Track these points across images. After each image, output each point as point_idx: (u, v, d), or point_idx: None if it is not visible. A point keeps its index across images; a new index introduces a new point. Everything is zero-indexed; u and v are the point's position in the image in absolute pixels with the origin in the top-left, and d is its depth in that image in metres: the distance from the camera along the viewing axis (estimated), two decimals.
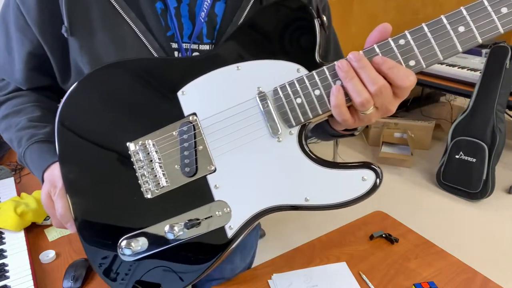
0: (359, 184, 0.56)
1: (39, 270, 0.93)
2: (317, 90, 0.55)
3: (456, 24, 0.51)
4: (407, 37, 0.52)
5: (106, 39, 0.63)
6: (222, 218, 0.59)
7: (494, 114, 2.48)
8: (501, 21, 0.49)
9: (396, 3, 3.52)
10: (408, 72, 0.51)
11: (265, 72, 0.58)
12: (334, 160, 2.91)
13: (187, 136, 0.59)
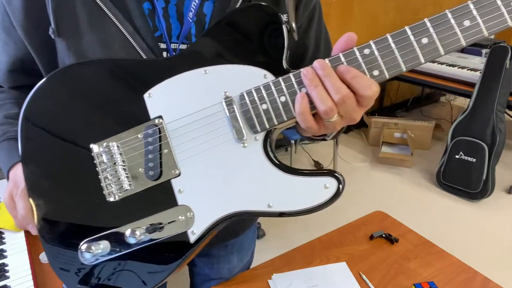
0: (321, 191, 0.56)
1: (39, 270, 0.92)
2: (283, 97, 0.55)
3: (420, 35, 0.51)
4: (371, 47, 0.52)
5: (93, 40, 0.63)
6: (185, 222, 0.59)
7: (494, 114, 2.48)
8: (464, 34, 0.50)
9: (396, 3, 3.52)
10: (370, 82, 0.51)
11: (232, 77, 0.58)
12: (333, 160, 2.91)
13: (152, 139, 0.59)
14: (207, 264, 0.97)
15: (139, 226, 0.58)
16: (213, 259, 0.95)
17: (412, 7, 3.68)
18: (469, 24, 0.49)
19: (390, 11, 3.53)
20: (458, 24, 0.49)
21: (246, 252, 0.99)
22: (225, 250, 0.94)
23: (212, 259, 0.96)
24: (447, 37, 0.50)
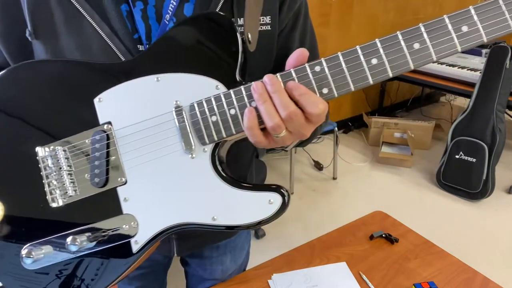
0: (265, 206, 0.56)
1: None
2: (233, 110, 0.55)
3: (370, 56, 0.50)
4: (322, 64, 0.52)
5: (70, 42, 0.62)
6: (128, 232, 0.58)
7: (494, 114, 2.48)
8: (413, 56, 0.49)
9: (396, 3, 3.52)
10: (318, 99, 0.51)
11: (184, 86, 0.56)
12: (333, 160, 2.91)
13: (99, 146, 0.58)
14: (200, 265, 0.97)
15: (81, 233, 0.57)
16: (206, 260, 0.95)
17: (412, 7, 3.68)
18: (418, 47, 0.49)
19: (390, 11, 3.53)
20: (408, 47, 0.49)
21: (240, 253, 0.99)
22: (217, 251, 0.94)
23: (205, 260, 0.95)
24: (396, 59, 0.50)
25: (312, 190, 2.82)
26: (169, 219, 0.58)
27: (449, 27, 0.49)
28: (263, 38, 0.65)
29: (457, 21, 0.48)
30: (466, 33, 0.48)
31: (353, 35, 3.36)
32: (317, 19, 3.07)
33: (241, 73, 0.57)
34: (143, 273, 0.96)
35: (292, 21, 0.70)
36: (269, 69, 0.70)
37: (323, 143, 3.45)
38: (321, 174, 3.01)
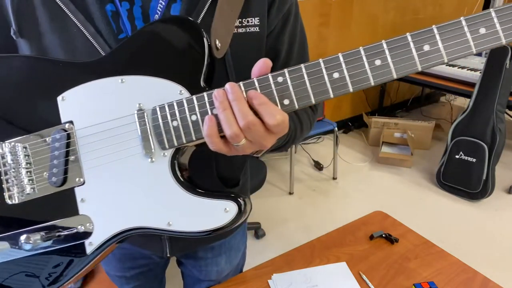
0: (221, 215, 0.55)
1: None
2: (194, 116, 0.54)
3: (332, 70, 0.50)
4: (285, 75, 0.51)
5: (55, 41, 0.62)
6: (83, 233, 0.58)
7: (494, 114, 2.48)
8: (373, 73, 0.49)
9: (396, 3, 3.52)
10: (276, 110, 0.50)
11: (148, 89, 0.56)
12: (333, 160, 2.91)
13: (58, 144, 0.57)
14: (195, 266, 0.97)
15: (36, 232, 0.57)
16: (201, 261, 0.95)
17: (412, 7, 3.68)
18: (379, 63, 0.49)
19: (390, 11, 3.53)
20: (369, 63, 0.49)
21: (235, 254, 0.99)
22: (212, 252, 0.94)
23: (199, 261, 0.95)
24: (357, 74, 0.49)
25: (312, 190, 2.82)
26: (125, 222, 0.58)
27: (411, 45, 0.48)
28: (251, 39, 0.65)
29: (419, 40, 0.48)
30: (427, 52, 0.48)
31: (353, 35, 3.36)
32: (317, 19, 3.07)
33: (206, 80, 0.57)
34: (141, 272, 0.96)
35: (281, 23, 0.69)
36: None
37: (323, 143, 3.45)
38: (321, 174, 3.01)
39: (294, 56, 0.73)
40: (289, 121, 0.64)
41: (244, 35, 0.64)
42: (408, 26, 3.71)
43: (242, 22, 0.64)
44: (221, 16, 0.60)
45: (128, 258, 0.93)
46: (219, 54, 0.58)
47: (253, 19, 0.64)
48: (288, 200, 2.71)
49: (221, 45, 0.59)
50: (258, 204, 2.63)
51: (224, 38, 0.60)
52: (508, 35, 0.46)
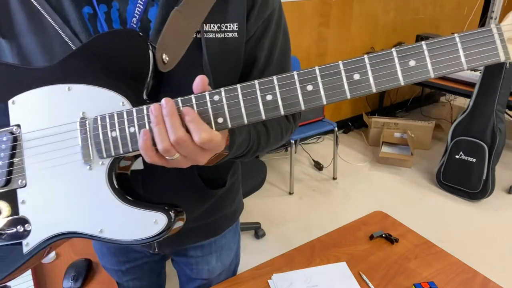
0: (150, 226, 0.57)
1: (39, 270, 0.93)
2: (132, 128, 0.55)
3: (266, 92, 0.51)
4: (221, 94, 0.52)
5: (33, 43, 0.63)
6: (22, 233, 0.60)
7: (494, 114, 2.48)
8: (304, 98, 0.50)
9: (396, 3, 3.52)
10: (202, 128, 0.51)
11: (93, 98, 0.58)
12: (333, 160, 2.91)
13: (4, 146, 0.59)
14: (186, 264, 0.98)
15: None
16: (192, 260, 0.95)
17: (412, 7, 3.68)
18: (311, 89, 0.49)
19: (390, 11, 3.53)
20: (301, 88, 0.50)
21: (227, 254, 0.98)
22: (202, 251, 0.94)
23: (190, 260, 0.96)
24: (289, 98, 0.50)
25: (312, 190, 2.82)
26: (61, 226, 0.59)
27: (342, 73, 0.48)
28: (229, 45, 0.65)
29: (350, 69, 0.48)
30: (357, 81, 0.48)
31: (353, 35, 3.36)
32: (317, 19, 3.07)
33: (152, 93, 0.58)
34: (136, 266, 0.98)
35: (261, 29, 0.68)
36: (236, 77, 0.69)
37: (323, 143, 3.45)
38: (321, 174, 3.01)
39: (274, 63, 0.72)
40: (248, 132, 0.65)
41: (222, 41, 0.64)
42: (408, 26, 3.71)
43: (221, 27, 0.64)
44: (173, 29, 0.60)
45: (122, 252, 0.95)
46: (166, 68, 0.59)
47: (231, 24, 0.64)
48: (288, 200, 2.70)
49: (169, 59, 0.59)
50: (258, 204, 2.63)
51: (175, 52, 0.60)
52: (436, 69, 0.47)
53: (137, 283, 1.02)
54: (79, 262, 0.92)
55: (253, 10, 0.66)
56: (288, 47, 0.76)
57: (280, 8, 0.71)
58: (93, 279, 0.91)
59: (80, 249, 1.00)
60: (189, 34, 0.61)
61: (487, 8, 4.38)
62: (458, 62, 0.46)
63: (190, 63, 0.62)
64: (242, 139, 0.64)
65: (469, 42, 0.46)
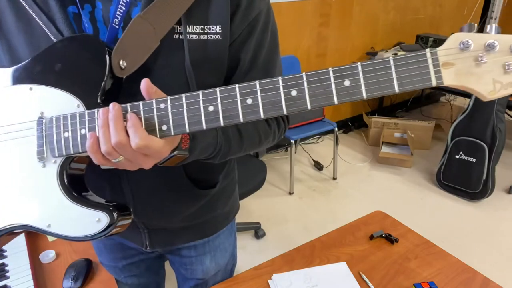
0: (93, 224, 0.59)
1: (39, 270, 0.93)
2: (83, 130, 0.57)
3: (208, 103, 0.52)
4: (167, 102, 0.54)
5: (22, 41, 0.65)
6: None
7: (494, 114, 2.48)
8: (243, 111, 0.51)
9: (396, 3, 3.52)
10: (139, 135, 0.52)
11: (51, 99, 0.61)
12: (333, 161, 2.91)
13: None
14: (181, 264, 0.98)
15: None
16: (186, 260, 0.96)
17: (412, 7, 3.68)
18: (250, 102, 0.51)
19: (390, 11, 3.53)
20: (241, 101, 0.51)
21: (221, 254, 0.98)
22: (195, 251, 0.94)
23: (184, 260, 0.96)
24: (229, 110, 0.51)
25: (312, 190, 2.82)
26: (11, 218, 0.62)
27: (281, 89, 0.49)
28: (213, 47, 0.64)
29: (289, 85, 0.49)
30: (294, 98, 0.49)
31: (353, 35, 3.36)
32: (317, 19, 3.07)
33: (105, 97, 0.59)
34: (133, 263, 0.98)
35: (246, 31, 0.67)
36: (221, 79, 0.69)
37: (323, 143, 3.46)
38: (321, 174, 3.01)
39: (259, 66, 0.71)
40: (215, 137, 0.65)
41: (205, 42, 0.64)
42: (408, 26, 3.71)
43: (204, 29, 0.63)
44: (134, 35, 0.61)
45: (118, 249, 0.95)
46: (123, 73, 0.60)
47: (215, 26, 0.64)
48: (288, 200, 2.71)
49: (127, 64, 0.60)
50: (258, 204, 2.63)
51: (135, 58, 0.61)
52: (369, 91, 0.47)
53: (135, 280, 1.03)
54: (79, 262, 0.92)
55: (237, 12, 0.65)
56: (276, 51, 0.75)
57: (268, 11, 0.70)
58: (93, 279, 0.91)
59: (80, 249, 1.00)
60: (154, 40, 0.62)
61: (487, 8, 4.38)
62: (390, 85, 0.47)
63: (172, 64, 0.63)
64: (208, 143, 0.65)
65: (403, 65, 0.46)
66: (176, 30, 0.62)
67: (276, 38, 0.74)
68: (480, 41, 0.44)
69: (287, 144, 3.29)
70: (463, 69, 0.45)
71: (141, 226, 0.84)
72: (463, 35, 0.45)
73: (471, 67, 0.45)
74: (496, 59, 0.44)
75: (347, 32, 3.31)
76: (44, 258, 0.95)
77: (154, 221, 0.83)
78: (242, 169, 2.23)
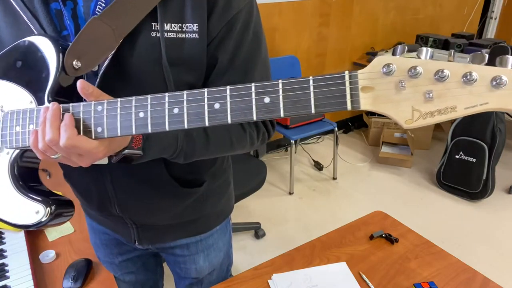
0: (32, 214, 0.64)
1: (39, 270, 0.93)
2: (32, 125, 0.61)
3: (139, 109, 0.53)
4: (104, 105, 0.55)
5: (9, 35, 0.68)
6: None
7: (494, 114, 2.48)
8: (170, 120, 0.52)
9: (396, 3, 3.52)
10: (67, 134, 0.54)
11: (10, 94, 0.64)
12: (333, 161, 2.91)
13: None
14: (175, 263, 0.98)
15: None
16: (179, 259, 0.96)
17: (412, 7, 3.68)
18: (177, 112, 0.51)
19: (390, 11, 3.53)
20: (169, 110, 0.52)
21: (215, 254, 0.98)
22: (188, 250, 0.94)
23: (178, 258, 0.96)
24: (156, 118, 0.52)
25: (312, 190, 2.82)
26: None
27: (205, 101, 0.50)
28: (190, 45, 0.64)
29: (213, 97, 0.50)
30: (216, 110, 0.49)
31: (353, 35, 3.36)
32: (317, 19, 3.07)
33: (55, 95, 0.61)
34: (128, 259, 1.00)
35: (224, 31, 0.66)
36: (201, 78, 0.69)
37: (323, 143, 3.45)
38: (321, 174, 3.01)
39: (237, 67, 0.70)
40: (176, 138, 0.65)
41: (182, 41, 0.64)
42: (408, 26, 3.71)
43: (182, 28, 0.63)
44: (90, 36, 0.61)
45: (114, 244, 0.96)
46: (77, 73, 0.62)
47: (192, 25, 0.63)
48: (288, 200, 2.71)
49: (81, 65, 0.61)
50: (258, 204, 2.63)
51: (90, 58, 0.62)
52: (287, 110, 0.46)
53: (132, 277, 1.04)
54: (79, 262, 0.92)
55: (214, 11, 0.64)
56: (258, 52, 0.73)
57: (250, 10, 0.68)
58: (93, 279, 0.91)
59: (80, 249, 1.00)
60: (113, 40, 0.62)
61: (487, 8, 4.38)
62: (308, 105, 0.45)
63: (150, 61, 0.63)
64: (167, 143, 0.65)
65: (322, 86, 0.45)
66: (154, 28, 0.63)
67: (259, 38, 0.72)
68: (404, 66, 0.41)
69: (287, 144, 3.29)
70: (382, 94, 0.42)
71: (128, 222, 0.85)
72: (386, 58, 0.42)
73: (390, 92, 0.42)
74: (417, 87, 0.41)
75: (347, 32, 3.31)
76: (44, 258, 0.95)
77: (140, 217, 0.84)
78: (242, 169, 2.23)
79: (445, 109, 0.40)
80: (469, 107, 0.39)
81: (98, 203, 0.82)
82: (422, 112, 0.40)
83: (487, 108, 0.38)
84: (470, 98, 0.38)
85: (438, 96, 0.40)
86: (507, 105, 0.37)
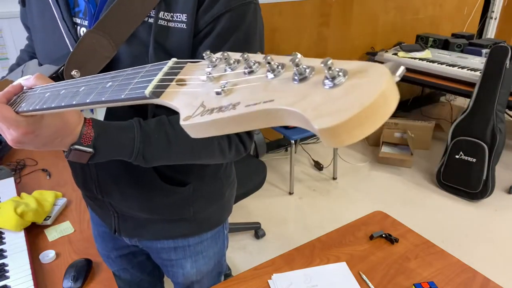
0: None
1: (39, 270, 0.92)
2: None
3: (49, 89, 0.54)
4: (38, 90, 0.56)
5: (39, 27, 0.74)
6: None
7: (494, 114, 2.48)
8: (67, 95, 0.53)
9: (396, 3, 3.52)
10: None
11: None
12: (333, 160, 2.91)
13: None
14: (163, 266, 0.99)
15: None
16: (167, 262, 0.96)
17: (412, 7, 3.68)
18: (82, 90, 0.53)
19: (390, 11, 3.53)
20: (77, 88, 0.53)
21: (204, 261, 0.97)
22: (175, 254, 0.94)
23: (166, 262, 0.97)
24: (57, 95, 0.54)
25: (312, 190, 2.82)
26: None
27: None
28: (178, 35, 0.65)
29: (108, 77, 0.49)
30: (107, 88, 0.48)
31: (353, 35, 3.36)
32: (317, 19, 3.07)
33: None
34: (123, 255, 1.01)
35: (210, 27, 0.66)
36: None
37: (323, 143, 3.45)
38: (321, 174, 3.01)
39: None
40: (132, 139, 0.64)
41: (170, 29, 0.65)
42: (408, 26, 3.71)
43: (173, 17, 0.65)
44: (87, 48, 0.64)
45: (110, 237, 0.99)
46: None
47: (181, 15, 0.65)
48: (288, 200, 2.70)
49: (80, 74, 0.64)
50: (258, 204, 2.62)
51: (88, 67, 0.65)
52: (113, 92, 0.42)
53: (127, 276, 1.05)
54: (79, 262, 0.92)
55: (203, 5, 0.65)
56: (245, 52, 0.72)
57: (244, 14, 0.66)
58: (93, 279, 0.91)
59: (80, 249, 1.00)
60: (111, 50, 0.65)
61: (487, 8, 4.38)
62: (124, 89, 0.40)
63: (140, 44, 0.66)
64: (120, 144, 0.63)
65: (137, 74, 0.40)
66: (149, 14, 0.65)
67: (250, 43, 0.69)
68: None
69: (287, 144, 3.29)
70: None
71: (110, 208, 0.87)
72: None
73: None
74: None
75: (347, 32, 3.31)
76: (44, 258, 0.95)
77: (118, 203, 0.85)
78: (242, 169, 2.23)
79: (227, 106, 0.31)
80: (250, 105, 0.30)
81: (82, 180, 0.85)
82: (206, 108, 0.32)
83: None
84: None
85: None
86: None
